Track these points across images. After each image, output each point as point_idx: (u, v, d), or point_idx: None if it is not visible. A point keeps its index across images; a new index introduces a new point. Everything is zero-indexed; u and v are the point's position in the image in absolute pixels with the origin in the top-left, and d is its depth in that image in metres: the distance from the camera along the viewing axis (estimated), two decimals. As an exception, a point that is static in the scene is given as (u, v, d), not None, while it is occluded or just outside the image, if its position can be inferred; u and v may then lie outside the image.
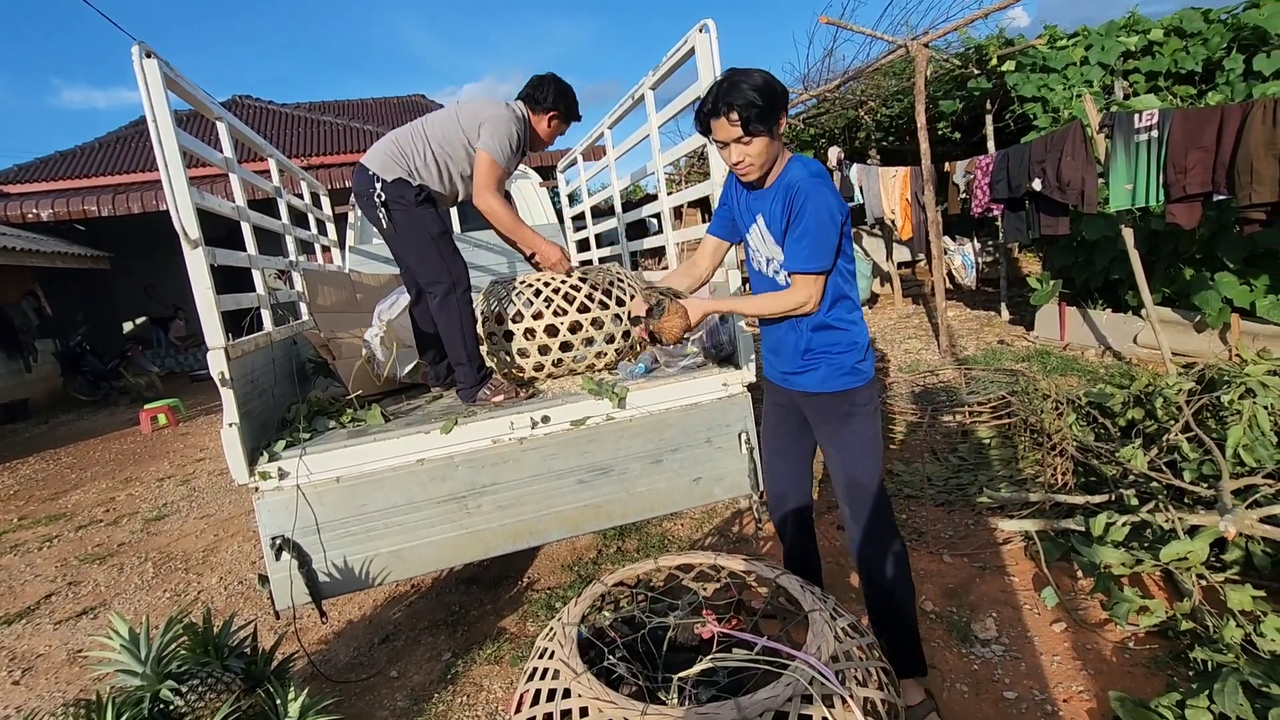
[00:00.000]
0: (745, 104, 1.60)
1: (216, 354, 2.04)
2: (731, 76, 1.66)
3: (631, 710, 1.24)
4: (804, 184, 1.67)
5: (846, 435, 1.81)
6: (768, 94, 1.62)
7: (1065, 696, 1.93)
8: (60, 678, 2.66)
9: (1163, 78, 5.97)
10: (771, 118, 1.64)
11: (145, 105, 1.91)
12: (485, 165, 2.49)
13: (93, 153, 12.75)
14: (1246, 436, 2.67)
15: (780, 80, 1.69)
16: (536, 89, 2.58)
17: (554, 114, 2.60)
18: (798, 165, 1.74)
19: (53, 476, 6.00)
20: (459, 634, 2.61)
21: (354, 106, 16.37)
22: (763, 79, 1.65)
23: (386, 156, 2.47)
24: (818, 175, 1.70)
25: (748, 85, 1.61)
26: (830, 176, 1.73)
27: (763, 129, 1.64)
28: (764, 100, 1.61)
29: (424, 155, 2.49)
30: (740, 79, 1.64)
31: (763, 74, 1.66)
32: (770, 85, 1.64)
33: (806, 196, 1.66)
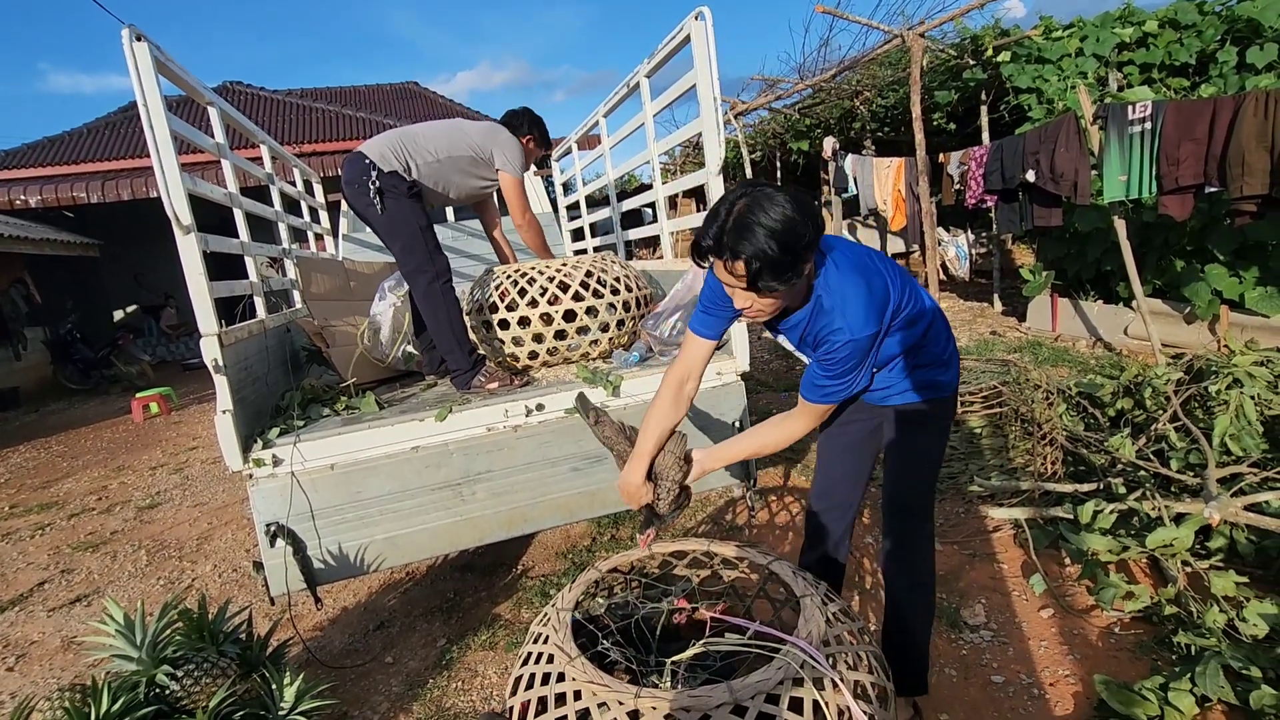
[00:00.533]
0: (756, 254, 1.26)
1: (210, 340, 2.03)
2: (744, 210, 1.28)
3: (625, 693, 1.26)
4: (842, 337, 1.39)
5: (912, 447, 1.66)
6: (788, 241, 1.25)
7: (1051, 680, 1.96)
8: (54, 664, 2.67)
9: (1157, 69, 5.98)
10: (790, 273, 1.29)
11: (136, 89, 1.89)
12: (514, 185, 2.77)
13: (81, 138, 12.60)
14: (1233, 426, 2.71)
15: (807, 210, 1.28)
16: (513, 118, 2.87)
17: (530, 138, 2.88)
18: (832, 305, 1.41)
19: (44, 465, 5.98)
20: (454, 620, 2.62)
21: (346, 93, 16.21)
22: (782, 218, 1.25)
23: (386, 149, 2.56)
24: (862, 327, 1.38)
25: (763, 230, 1.25)
26: (866, 281, 1.42)
27: (778, 288, 1.31)
28: (783, 252, 1.25)
29: (424, 155, 2.61)
30: (753, 217, 1.26)
31: (786, 209, 1.26)
32: (791, 228, 1.25)
33: (844, 350, 1.40)
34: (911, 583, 1.74)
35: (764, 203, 1.28)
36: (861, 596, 2.48)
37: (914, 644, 1.76)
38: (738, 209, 1.29)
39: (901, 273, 1.57)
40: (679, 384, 1.63)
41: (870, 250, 1.56)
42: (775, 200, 1.28)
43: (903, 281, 1.54)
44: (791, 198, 1.30)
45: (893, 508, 1.73)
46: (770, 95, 8.94)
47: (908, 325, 1.53)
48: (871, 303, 1.41)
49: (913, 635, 1.76)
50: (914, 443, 1.67)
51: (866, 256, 1.50)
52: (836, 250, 1.47)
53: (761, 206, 1.27)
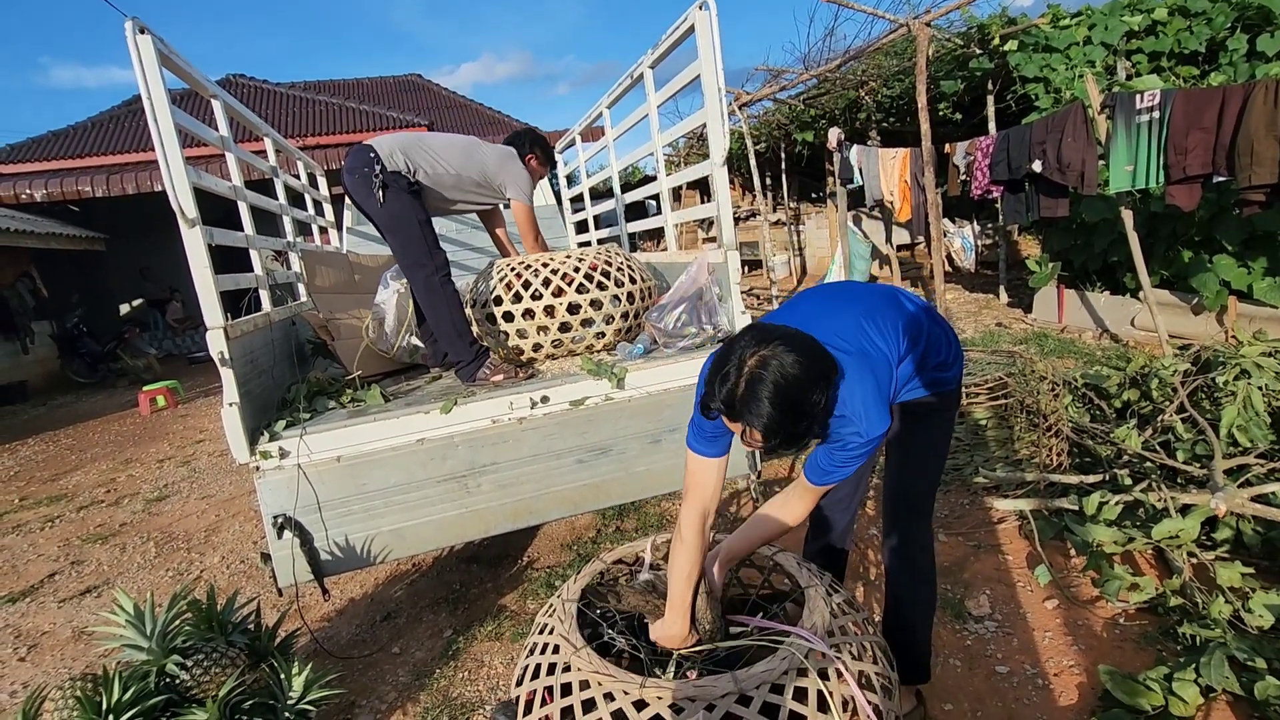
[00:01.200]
0: (770, 429, 1.24)
1: (216, 334, 2.04)
2: (754, 378, 1.22)
3: (630, 683, 1.27)
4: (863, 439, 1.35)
5: (916, 440, 1.66)
6: (803, 409, 1.23)
7: (1056, 670, 1.96)
8: (65, 654, 2.70)
9: (1166, 58, 5.92)
10: (810, 433, 1.30)
11: (139, 82, 1.89)
12: (528, 214, 2.92)
13: (86, 132, 12.61)
14: (1241, 417, 2.69)
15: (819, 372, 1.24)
16: (518, 139, 2.99)
17: (532, 156, 2.99)
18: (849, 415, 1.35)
19: (53, 458, 6.02)
20: (460, 611, 2.64)
21: (350, 86, 16.19)
22: (796, 386, 1.21)
23: (398, 151, 2.61)
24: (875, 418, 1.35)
25: (776, 403, 1.21)
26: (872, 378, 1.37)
27: (791, 451, 1.33)
28: (798, 421, 1.24)
29: (434, 163, 2.68)
30: (764, 390, 1.21)
31: (797, 372, 1.22)
32: (805, 396, 1.22)
33: (856, 444, 1.37)
34: (913, 575, 1.75)
35: (774, 367, 1.22)
36: (866, 587, 2.48)
37: (915, 635, 1.77)
38: (748, 374, 1.23)
39: (886, 300, 1.52)
40: (700, 521, 1.49)
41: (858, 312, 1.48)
42: (786, 367, 1.22)
43: (894, 319, 1.49)
44: (803, 358, 1.24)
45: (894, 501, 1.73)
46: (775, 86, 8.88)
47: (908, 356, 1.51)
48: (880, 393, 1.37)
49: (914, 626, 1.76)
50: (916, 437, 1.66)
51: (861, 336, 1.43)
52: (839, 344, 1.38)
53: (772, 371, 1.22)
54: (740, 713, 1.21)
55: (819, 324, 1.42)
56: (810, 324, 1.40)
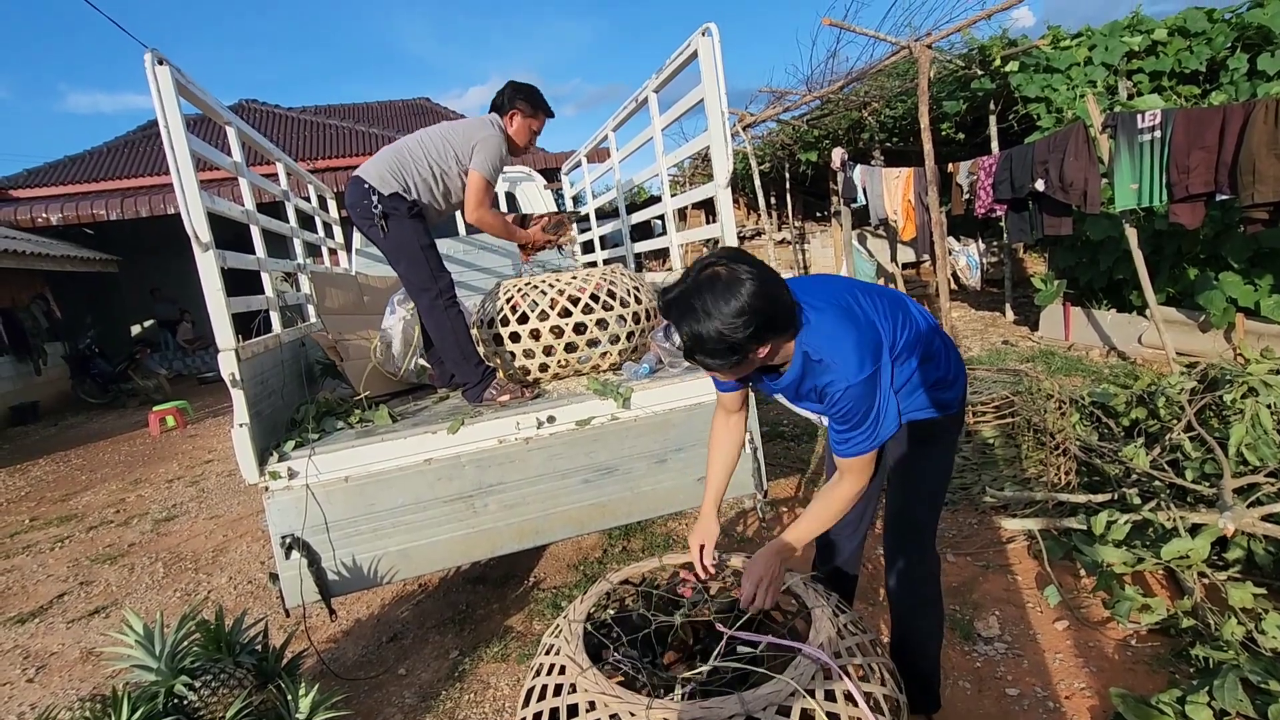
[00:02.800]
0: (690, 335, 1.28)
1: (227, 355, 2.07)
2: (701, 285, 1.26)
3: (637, 705, 1.26)
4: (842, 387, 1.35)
5: (915, 465, 1.64)
6: (725, 334, 1.25)
7: (1067, 693, 1.94)
8: (74, 675, 2.70)
9: (1166, 77, 5.97)
10: (731, 357, 1.29)
11: (157, 111, 1.94)
12: (479, 184, 2.64)
13: (101, 157, 12.87)
14: (1249, 435, 2.68)
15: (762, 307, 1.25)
16: (497, 98, 2.74)
17: (515, 111, 2.71)
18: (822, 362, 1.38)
19: (63, 478, 6.06)
20: (466, 632, 2.63)
21: (360, 110, 16.47)
22: (732, 311, 1.23)
23: (385, 171, 2.58)
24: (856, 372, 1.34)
25: (706, 315, 1.25)
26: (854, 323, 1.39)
27: (712, 366, 1.35)
28: (718, 341, 1.26)
29: (419, 170, 2.62)
30: (701, 300, 1.25)
31: (740, 300, 1.23)
32: (734, 326, 1.24)
33: (848, 403, 1.36)
34: (917, 601, 1.72)
35: (720, 286, 1.25)
36: (874, 609, 2.46)
37: (923, 661, 1.74)
38: (700, 280, 1.27)
39: (891, 300, 1.52)
40: (725, 419, 1.73)
41: (852, 284, 1.51)
42: (735, 288, 1.24)
43: (892, 309, 1.49)
44: (756, 291, 1.24)
45: (896, 525, 1.72)
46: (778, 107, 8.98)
47: (906, 355, 1.50)
48: (863, 345, 1.36)
49: (921, 652, 1.73)
50: (918, 461, 1.65)
51: (849, 296, 1.45)
52: (817, 299, 1.41)
53: (716, 290, 1.24)
54: (747, 734, 1.20)
55: (808, 285, 1.46)
56: (800, 284, 1.45)
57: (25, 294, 9.72)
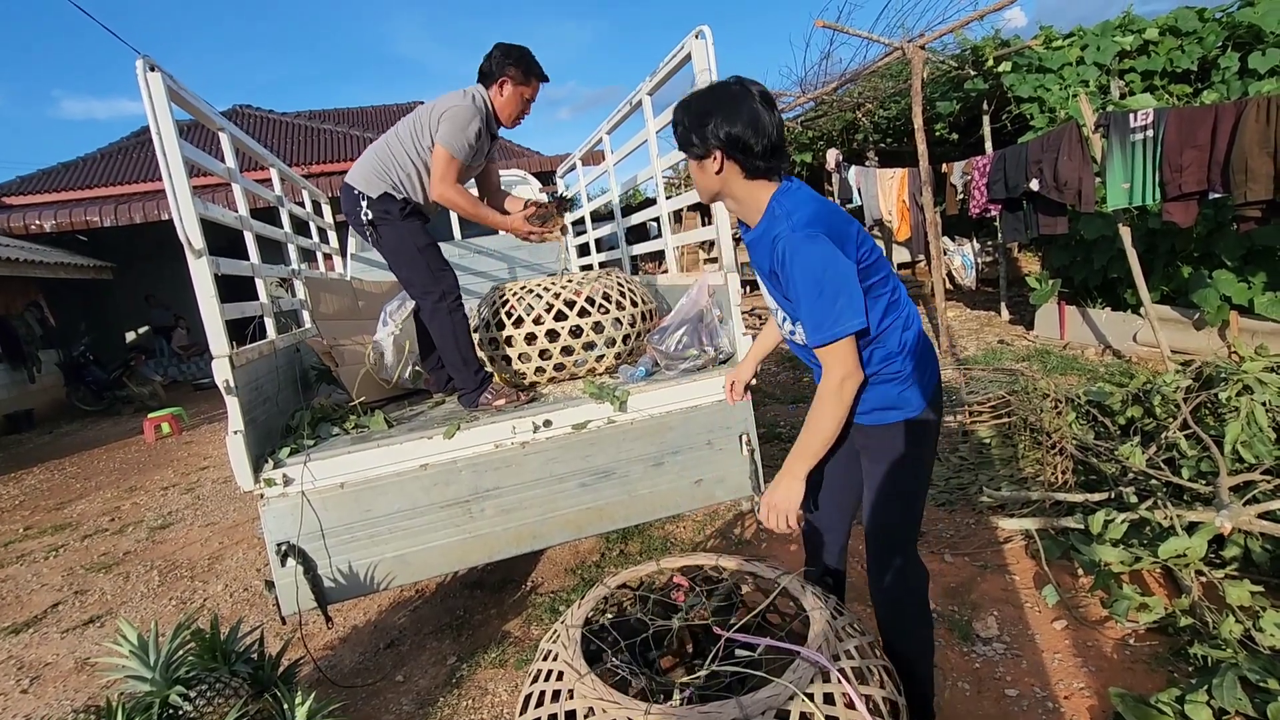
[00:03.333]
0: (673, 123, 1.52)
1: (221, 362, 2.06)
2: (695, 91, 1.54)
3: (635, 710, 1.26)
4: (784, 241, 1.42)
5: (884, 476, 1.61)
6: (690, 114, 1.47)
7: (1066, 693, 1.94)
8: (68, 685, 2.68)
9: (1159, 77, 6.00)
10: (692, 143, 1.47)
11: (149, 117, 1.94)
12: (441, 159, 2.43)
13: (95, 163, 12.83)
14: (1244, 433, 2.68)
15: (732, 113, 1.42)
16: (484, 64, 2.51)
17: (505, 78, 2.48)
18: (780, 213, 1.46)
19: (58, 486, 6.03)
20: (464, 638, 2.62)
21: (354, 114, 16.45)
22: (692, 97, 1.50)
23: (370, 172, 2.49)
24: (803, 225, 1.41)
25: (681, 104, 1.51)
26: (827, 208, 1.48)
27: (690, 153, 1.50)
28: (686, 121, 1.48)
29: (402, 165, 2.49)
30: (694, 95, 1.51)
31: (702, 91, 1.51)
32: (692, 104, 1.48)
33: (788, 258, 1.41)
34: (899, 614, 1.68)
35: (718, 87, 1.48)
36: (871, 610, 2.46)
37: (912, 683, 1.66)
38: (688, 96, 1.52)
39: (875, 245, 1.54)
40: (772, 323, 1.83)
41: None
42: (714, 90, 1.48)
43: (873, 245, 1.52)
44: (739, 93, 1.44)
45: (872, 539, 1.68)
46: (773, 109, 9.00)
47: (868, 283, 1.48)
48: (821, 212, 1.45)
49: (909, 673, 1.66)
50: (884, 473, 1.60)
51: (833, 204, 1.54)
52: (801, 187, 1.53)
53: (708, 87, 1.51)
54: (746, 739, 1.20)
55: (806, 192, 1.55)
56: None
57: (19, 301, 9.68)
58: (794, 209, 1.46)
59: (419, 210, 2.57)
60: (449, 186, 2.46)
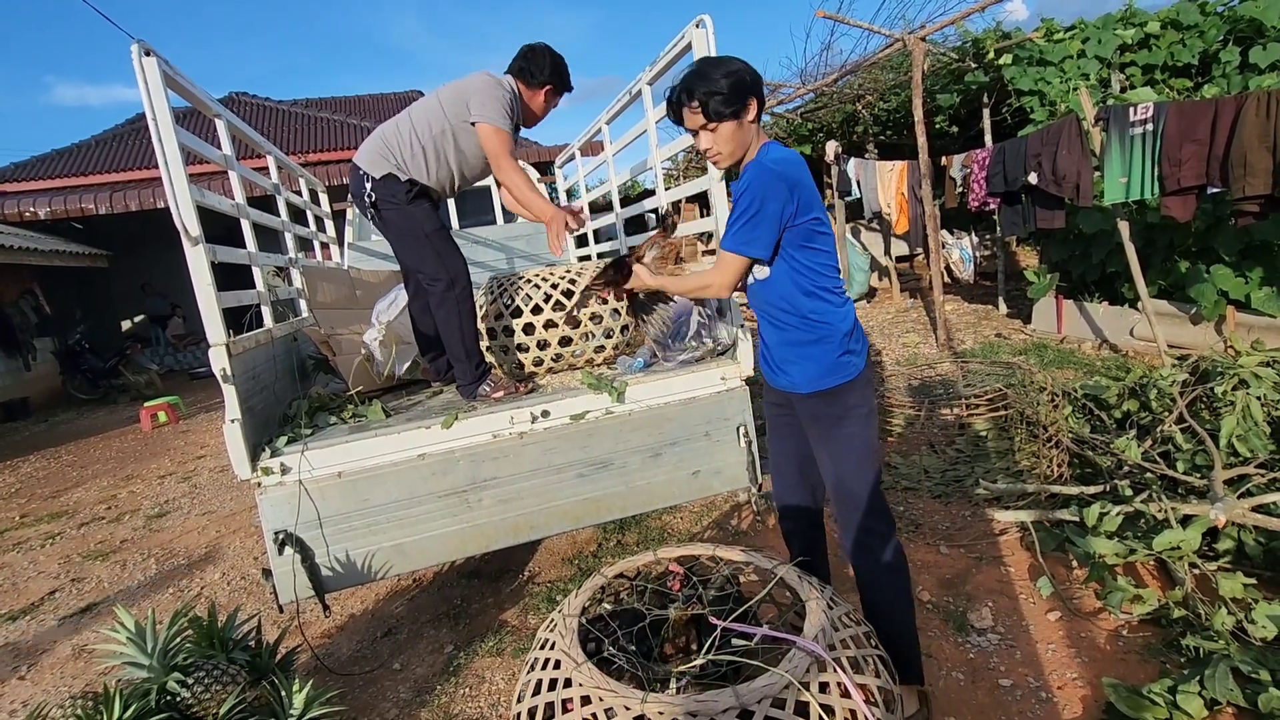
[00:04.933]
0: (707, 91, 1.61)
1: (218, 350, 2.05)
2: (700, 64, 1.68)
3: (631, 698, 1.27)
4: (752, 166, 1.66)
5: (837, 439, 1.73)
6: (733, 80, 1.61)
7: (1060, 684, 1.95)
8: (65, 672, 2.69)
9: (1159, 70, 5.99)
10: (736, 102, 1.62)
11: (145, 103, 1.92)
12: (491, 134, 2.36)
13: (89, 150, 12.73)
14: (1240, 427, 2.70)
15: (756, 70, 1.67)
16: (530, 61, 2.45)
17: (549, 87, 2.49)
18: (764, 151, 1.70)
19: (54, 474, 6.02)
20: (461, 627, 2.63)
21: (351, 103, 16.34)
22: (730, 66, 1.64)
23: (374, 153, 2.43)
24: (778, 160, 1.65)
25: (715, 72, 1.62)
26: (804, 165, 1.71)
27: (727, 113, 1.62)
28: (728, 86, 1.60)
29: (410, 145, 2.42)
30: (708, 67, 1.64)
31: (733, 61, 1.66)
32: (736, 71, 1.63)
33: (751, 177, 1.64)
34: (875, 564, 1.76)
35: (716, 60, 1.68)
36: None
37: (892, 628, 1.74)
38: (695, 65, 1.69)
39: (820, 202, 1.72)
40: None
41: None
42: (726, 58, 1.68)
43: (818, 203, 1.71)
44: (736, 60, 1.66)
45: (837, 500, 1.79)
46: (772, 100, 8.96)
47: (805, 221, 1.67)
48: (788, 161, 1.65)
49: (888, 617, 1.75)
50: (835, 435, 1.73)
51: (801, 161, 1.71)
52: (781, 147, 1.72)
53: (715, 61, 1.67)
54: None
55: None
56: None
57: (14, 289, 9.63)
58: (780, 151, 1.70)
59: (426, 193, 2.48)
60: (513, 164, 2.41)
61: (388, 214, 2.44)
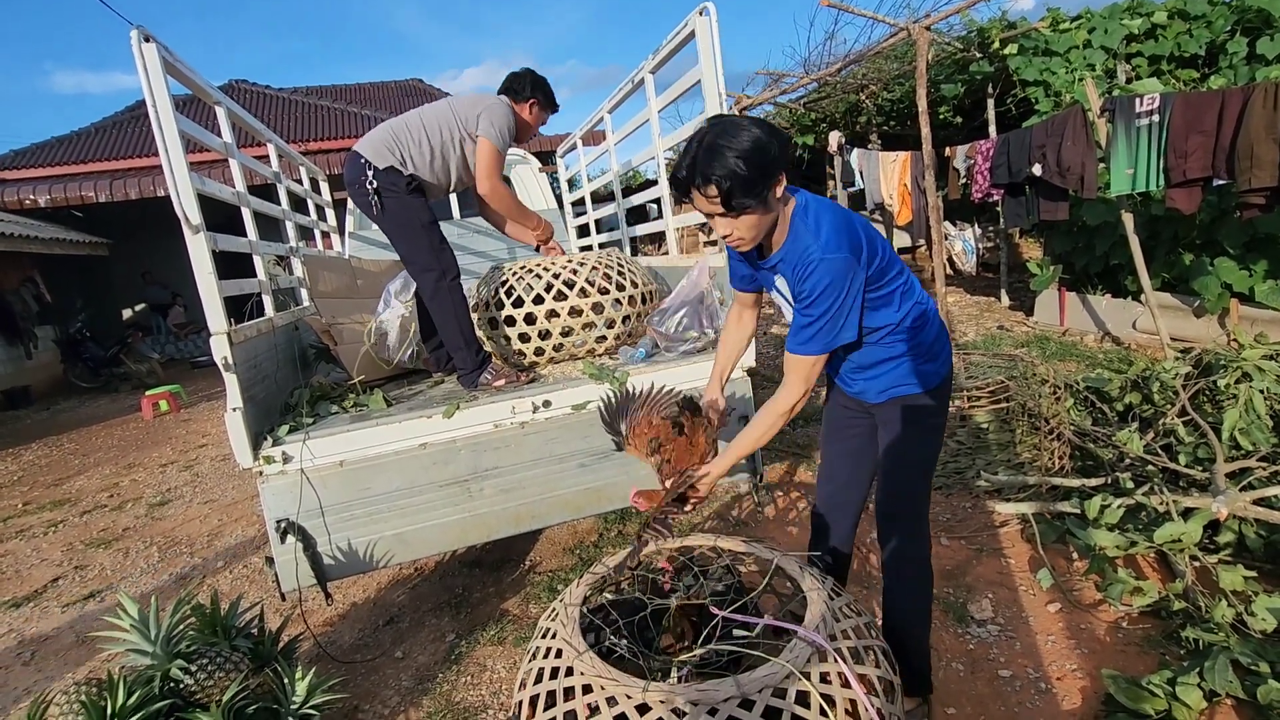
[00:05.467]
0: (726, 175, 1.33)
1: (220, 339, 2.05)
2: (713, 137, 1.35)
3: (633, 687, 1.27)
4: (817, 262, 1.40)
5: (900, 448, 1.64)
6: (756, 160, 1.32)
7: (1059, 675, 1.96)
8: (69, 659, 2.70)
9: (1166, 61, 5.94)
10: (761, 188, 1.35)
11: (145, 90, 1.91)
12: (488, 151, 2.57)
13: (89, 138, 12.68)
14: (1243, 420, 2.69)
15: (780, 132, 1.39)
16: (514, 81, 2.70)
17: (533, 101, 2.70)
18: (804, 231, 1.44)
19: (56, 462, 6.03)
20: (462, 616, 2.64)
21: (351, 91, 16.26)
22: (750, 140, 1.33)
23: (380, 144, 2.51)
24: (836, 236, 1.42)
25: (731, 151, 1.32)
26: (852, 220, 1.48)
27: (751, 203, 1.36)
28: (750, 169, 1.32)
29: (419, 144, 2.53)
30: (723, 142, 1.33)
31: (753, 131, 1.34)
32: (759, 147, 1.33)
33: (819, 278, 1.40)
34: (901, 586, 1.73)
35: (730, 129, 1.36)
36: (868, 591, 2.48)
37: (910, 642, 1.74)
38: (707, 140, 1.36)
39: (885, 243, 1.55)
40: (738, 314, 1.88)
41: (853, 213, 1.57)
42: (741, 125, 1.36)
43: (884, 245, 1.53)
44: (757, 122, 1.38)
45: (883, 510, 1.72)
46: (775, 90, 8.90)
47: (883, 281, 1.51)
48: (845, 229, 1.44)
49: (906, 637, 1.73)
50: (902, 443, 1.64)
51: (846, 210, 1.52)
52: (814, 198, 1.51)
53: (728, 133, 1.35)
54: (742, 716, 1.21)
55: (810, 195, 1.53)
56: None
57: (14, 277, 9.62)
58: (817, 226, 1.44)
59: (422, 189, 2.58)
60: (499, 180, 2.65)
61: (389, 201, 2.49)
